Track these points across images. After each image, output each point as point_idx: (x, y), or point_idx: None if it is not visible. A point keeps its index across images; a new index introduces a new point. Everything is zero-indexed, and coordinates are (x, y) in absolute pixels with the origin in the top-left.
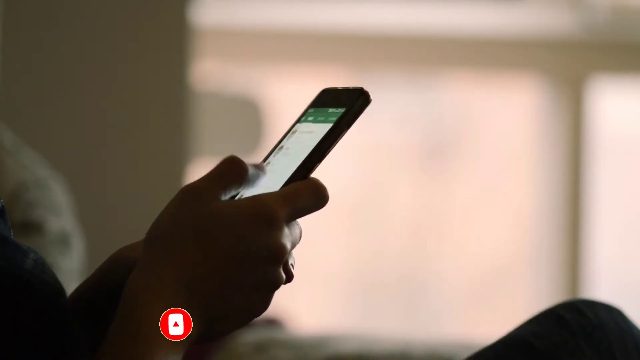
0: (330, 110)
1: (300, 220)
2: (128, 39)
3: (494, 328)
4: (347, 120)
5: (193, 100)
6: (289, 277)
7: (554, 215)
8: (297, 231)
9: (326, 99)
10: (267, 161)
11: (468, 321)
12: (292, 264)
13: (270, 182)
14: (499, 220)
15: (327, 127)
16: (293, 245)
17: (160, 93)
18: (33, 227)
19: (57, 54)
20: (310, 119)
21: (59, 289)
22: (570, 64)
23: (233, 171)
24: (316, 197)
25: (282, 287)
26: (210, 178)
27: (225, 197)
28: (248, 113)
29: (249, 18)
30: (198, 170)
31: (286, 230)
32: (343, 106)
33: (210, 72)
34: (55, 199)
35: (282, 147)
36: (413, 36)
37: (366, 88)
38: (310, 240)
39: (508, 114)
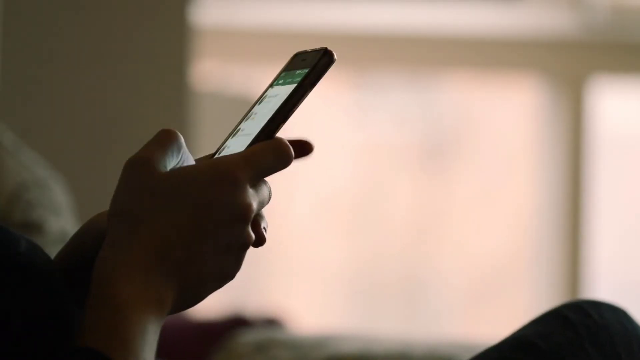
0: (298, 72)
1: (299, 220)
2: (128, 39)
3: (494, 328)
4: (310, 79)
5: (193, 100)
6: (260, 239)
7: (554, 215)
8: (264, 190)
9: (296, 62)
10: (239, 126)
11: (468, 321)
12: (264, 227)
13: (239, 145)
14: (499, 220)
15: (292, 87)
16: (261, 205)
17: (160, 93)
18: (33, 227)
19: (57, 54)
20: (280, 82)
21: (53, 270)
22: (570, 64)
23: (166, 137)
24: (279, 156)
25: (282, 286)
26: (148, 146)
27: (168, 160)
28: None
29: (249, 18)
30: None
31: (250, 190)
32: (308, 67)
33: (210, 72)
34: (55, 199)
35: (252, 113)
36: (413, 36)
37: (330, 48)
38: (310, 240)
39: (508, 114)
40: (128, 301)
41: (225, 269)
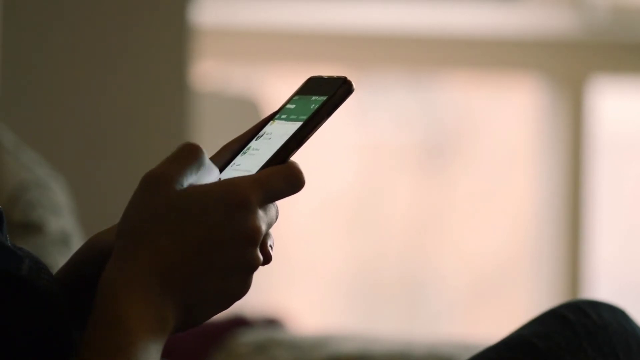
0: (314, 97)
1: (299, 220)
2: (128, 39)
3: (494, 328)
4: (327, 108)
5: (193, 100)
6: (267, 259)
7: (554, 216)
8: (272, 212)
9: (311, 87)
10: (250, 145)
11: (468, 321)
12: (270, 245)
13: (250, 166)
14: (499, 220)
15: (307, 114)
16: (269, 226)
17: (160, 93)
18: (33, 227)
19: (57, 54)
20: (294, 106)
21: (55, 292)
22: (570, 64)
23: (188, 153)
24: (291, 181)
25: (282, 286)
26: (169, 162)
27: (186, 179)
28: (248, 113)
29: (249, 18)
30: None
31: (260, 213)
32: (325, 94)
33: (210, 72)
34: (55, 199)
35: (265, 133)
36: (413, 36)
37: (349, 77)
38: (311, 240)
39: (508, 114)
40: (129, 319)
41: (231, 291)
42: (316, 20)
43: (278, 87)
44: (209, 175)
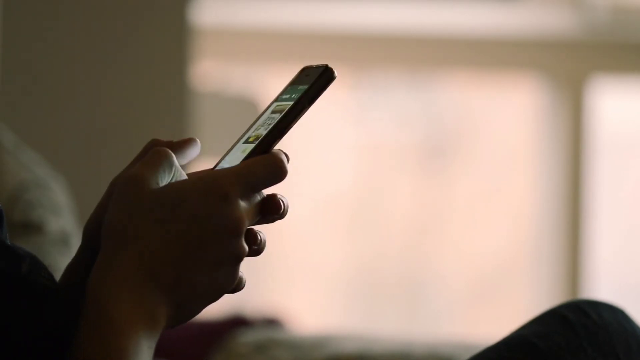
0: (300, 87)
1: (299, 220)
2: (128, 39)
3: (494, 328)
4: (308, 96)
5: (193, 100)
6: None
7: (554, 215)
8: (257, 202)
9: (301, 77)
10: (241, 139)
11: (468, 321)
12: (261, 238)
13: (237, 158)
14: (499, 220)
15: (291, 103)
16: (254, 216)
17: (160, 93)
18: (33, 227)
19: (57, 54)
20: (285, 96)
21: (54, 291)
22: (570, 64)
23: (157, 155)
24: (272, 171)
25: (282, 286)
26: (139, 165)
27: (160, 179)
28: (248, 113)
29: (249, 18)
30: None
31: (242, 204)
32: (308, 83)
33: (210, 72)
34: (55, 199)
35: (257, 124)
36: (413, 36)
37: (331, 65)
38: (311, 240)
39: (508, 114)
40: (120, 320)
41: (219, 283)
42: (316, 20)
43: (278, 87)
44: (182, 176)
